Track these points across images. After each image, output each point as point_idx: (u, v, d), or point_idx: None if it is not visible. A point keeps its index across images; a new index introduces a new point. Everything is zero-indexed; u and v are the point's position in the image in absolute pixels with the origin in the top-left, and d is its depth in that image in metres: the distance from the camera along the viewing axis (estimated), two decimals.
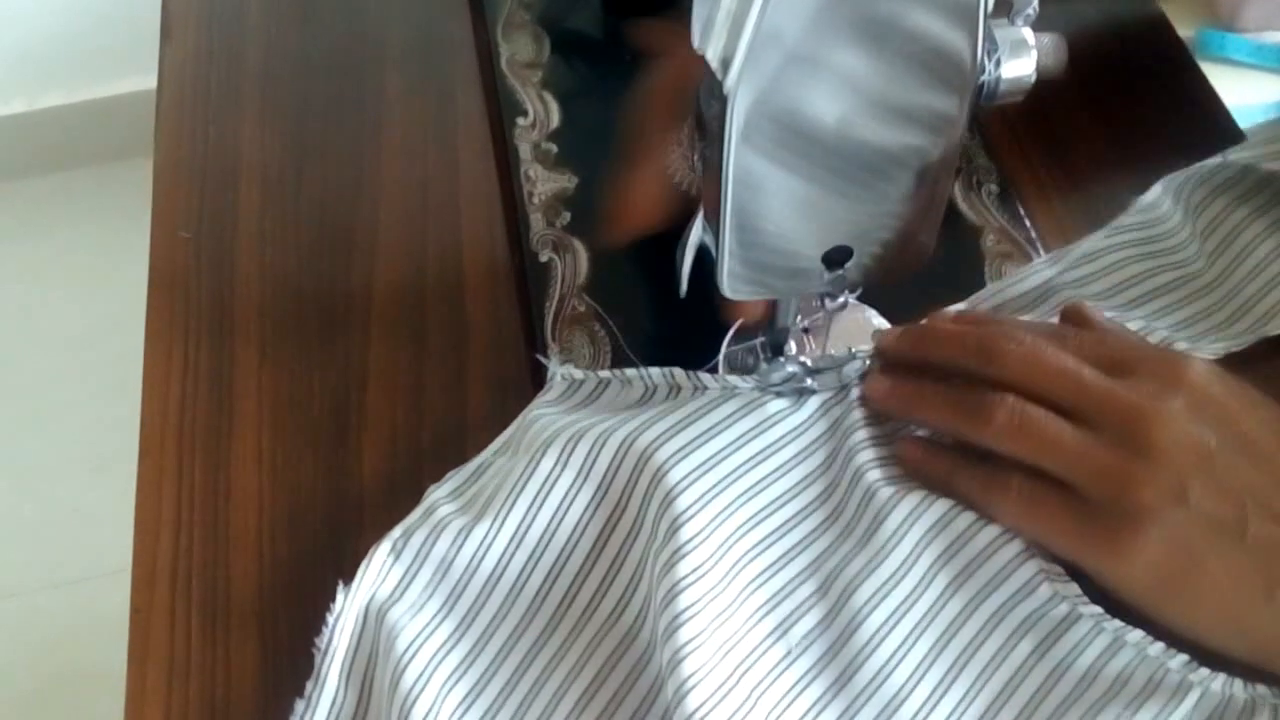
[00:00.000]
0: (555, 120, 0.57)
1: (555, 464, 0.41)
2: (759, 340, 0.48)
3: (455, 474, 0.43)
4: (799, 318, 0.49)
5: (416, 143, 0.57)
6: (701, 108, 0.38)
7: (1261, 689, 0.38)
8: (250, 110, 0.58)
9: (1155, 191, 0.51)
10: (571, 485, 0.41)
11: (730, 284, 0.40)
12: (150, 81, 0.59)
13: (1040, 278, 0.49)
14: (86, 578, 1.29)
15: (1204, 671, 0.38)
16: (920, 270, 0.42)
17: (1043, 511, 0.39)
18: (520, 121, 0.57)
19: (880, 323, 0.50)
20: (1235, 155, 0.50)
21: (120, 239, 1.20)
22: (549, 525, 0.41)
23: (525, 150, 0.56)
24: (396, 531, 0.42)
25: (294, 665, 0.41)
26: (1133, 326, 0.47)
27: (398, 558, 0.41)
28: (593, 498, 0.41)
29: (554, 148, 0.56)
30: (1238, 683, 0.38)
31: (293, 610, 0.44)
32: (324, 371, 0.50)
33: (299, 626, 0.41)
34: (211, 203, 0.55)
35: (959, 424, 0.41)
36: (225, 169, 0.56)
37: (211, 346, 0.50)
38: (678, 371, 0.45)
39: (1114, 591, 0.38)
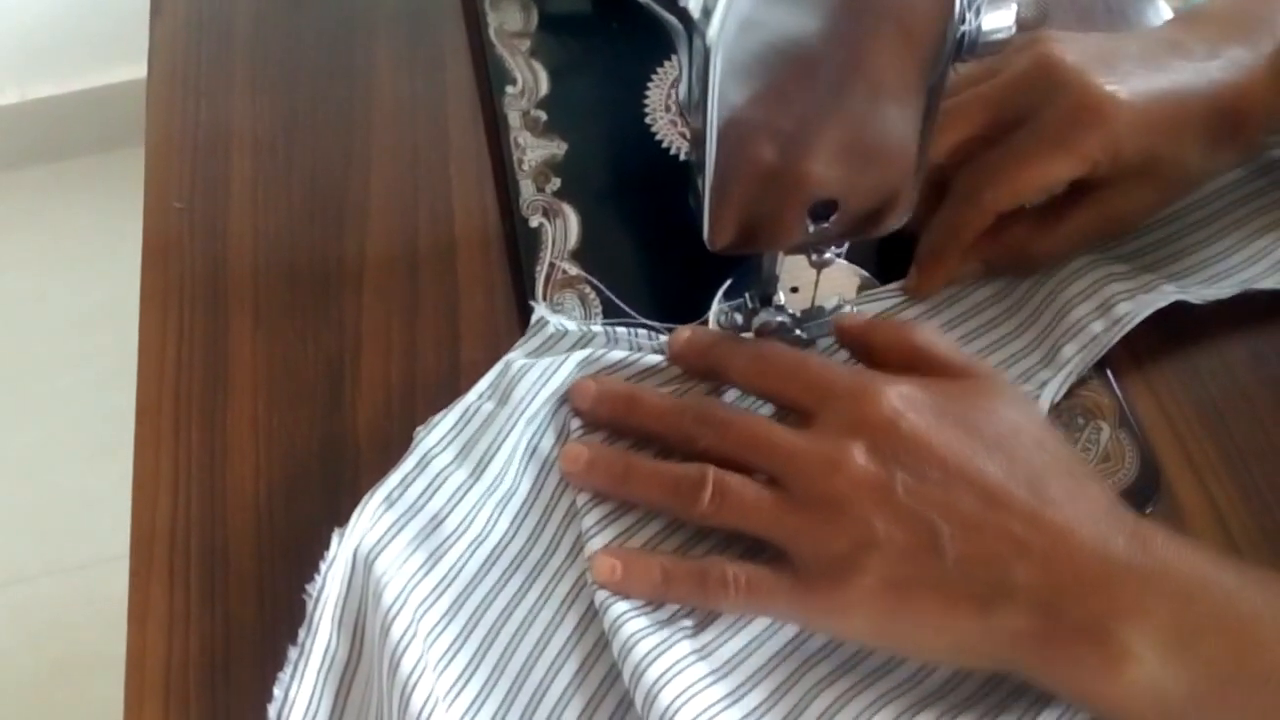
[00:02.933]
0: (544, 88, 0.57)
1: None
2: (746, 297, 0.49)
3: (442, 418, 0.44)
4: (787, 277, 0.49)
5: (406, 111, 0.57)
6: (685, 62, 0.38)
7: None
8: (241, 81, 0.58)
9: None
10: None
11: (714, 237, 0.41)
12: (143, 71, 0.59)
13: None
14: (87, 564, 1.30)
15: None
16: (904, 228, 0.43)
17: (761, 593, 0.39)
18: (509, 90, 0.57)
19: (867, 279, 0.51)
20: None
21: (115, 228, 1.20)
22: (533, 490, 0.44)
23: (514, 118, 0.56)
24: (393, 480, 0.42)
25: (292, 623, 0.41)
26: (1122, 267, 0.48)
27: (390, 506, 0.41)
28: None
29: (543, 115, 0.56)
30: None
31: (290, 569, 0.44)
32: (317, 336, 0.50)
33: (296, 585, 0.42)
34: (204, 173, 0.55)
35: (669, 508, 0.42)
36: (217, 140, 0.56)
37: (206, 312, 0.51)
38: (642, 335, 0.47)
39: (841, 640, 0.39)
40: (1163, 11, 0.61)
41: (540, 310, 0.47)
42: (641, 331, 0.48)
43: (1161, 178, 0.46)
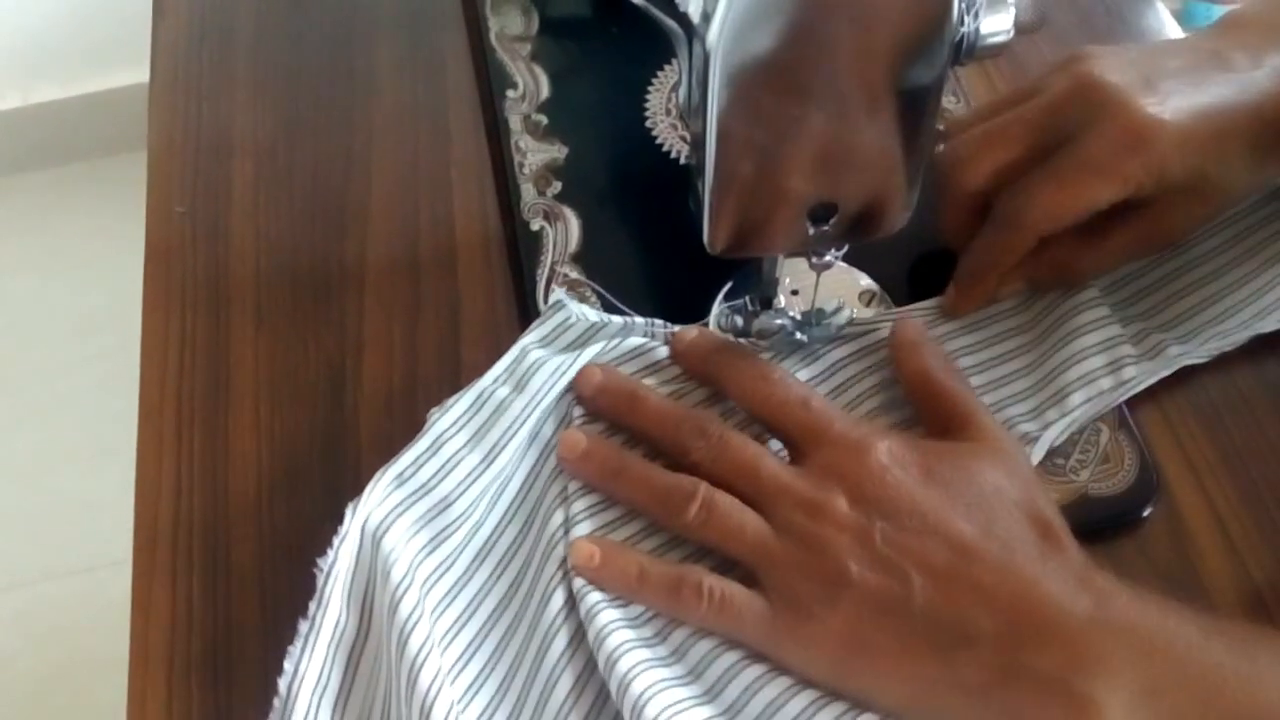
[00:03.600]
0: (545, 92, 0.58)
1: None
2: (747, 299, 0.49)
3: (457, 400, 0.44)
4: (787, 280, 0.50)
5: (408, 115, 0.57)
6: (685, 66, 0.39)
7: None
8: (242, 85, 0.59)
9: None
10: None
11: (715, 241, 0.41)
12: (144, 75, 0.59)
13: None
14: (89, 568, 1.30)
15: None
16: (905, 230, 0.43)
17: (730, 612, 0.40)
18: (510, 94, 0.57)
19: (868, 284, 0.51)
20: None
21: (117, 232, 1.20)
22: (532, 473, 0.44)
23: (515, 122, 0.56)
24: (406, 459, 0.42)
25: (293, 623, 0.41)
26: (1130, 330, 0.48)
27: (401, 485, 0.42)
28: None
29: (544, 119, 0.57)
30: None
31: (292, 570, 0.44)
32: (319, 339, 0.50)
33: (298, 586, 0.42)
34: (205, 177, 0.55)
35: (655, 513, 0.43)
36: (218, 143, 0.56)
37: (208, 315, 0.51)
38: (657, 325, 0.47)
39: (800, 675, 0.39)
40: (1161, 13, 0.62)
41: (559, 294, 0.47)
42: (658, 322, 0.48)
43: (1208, 194, 0.46)
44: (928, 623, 0.38)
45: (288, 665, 0.39)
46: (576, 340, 0.46)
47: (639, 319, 0.47)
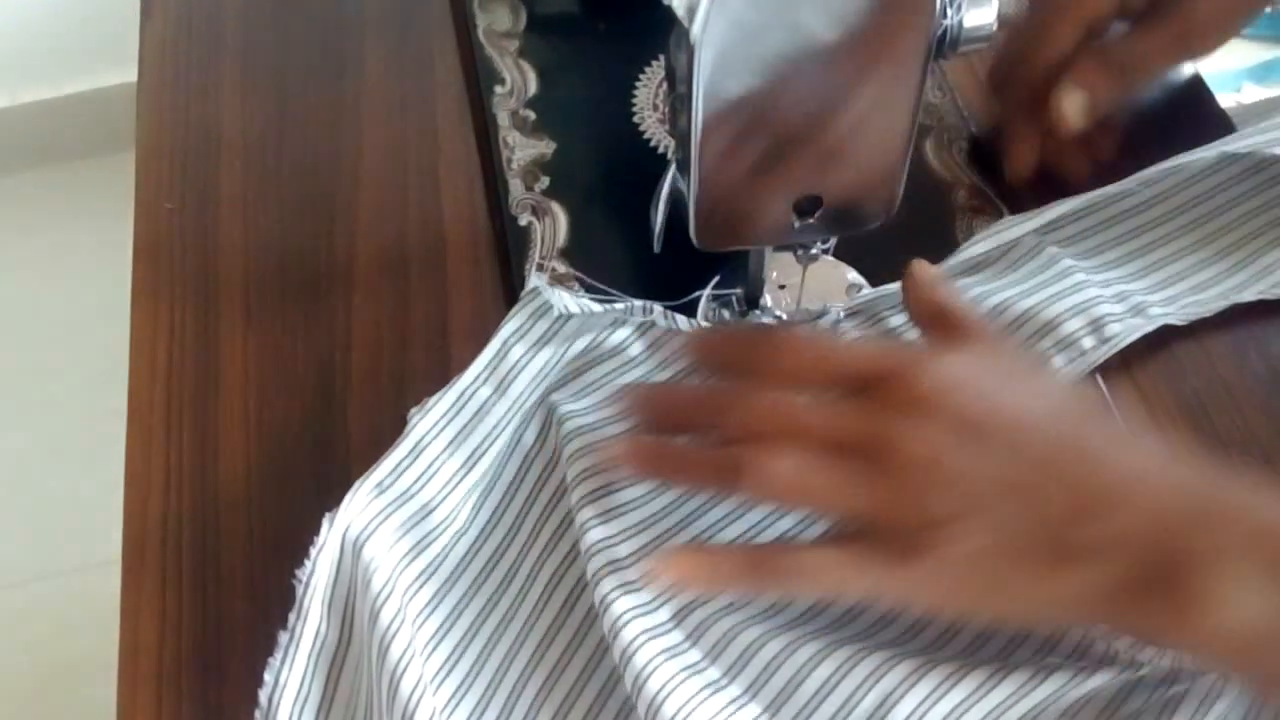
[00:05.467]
0: (533, 88, 0.58)
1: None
2: (734, 298, 0.49)
3: (437, 401, 0.44)
4: (774, 274, 0.50)
5: (396, 111, 0.57)
6: (670, 59, 0.39)
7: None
8: (230, 82, 0.59)
9: (1151, 171, 0.52)
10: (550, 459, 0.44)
11: (702, 233, 0.41)
12: (133, 75, 0.59)
13: (1013, 234, 0.50)
14: (80, 568, 1.30)
15: (1151, 650, 0.39)
16: (891, 224, 0.43)
17: (836, 576, 0.38)
18: (498, 89, 0.58)
19: (855, 278, 0.51)
20: (1231, 148, 0.51)
21: (106, 232, 1.20)
22: (514, 481, 0.44)
23: (503, 117, 0.57)
24: (385, 466, 0.42)
25: (284, 620, 0.42)
26: (1110, 291, 0.48)
27: (381, 493, 0.42)
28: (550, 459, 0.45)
29: (531, 114, 0.57)
30: (1186, 656, 0.39)
31: (281, 565, 0.44)
32: (308, 334, 0.50)
33: (288, 581, 0.42)
34: (194, 173, 0.55)
35: (712, 487, 0.41)
36: (207, 140, 0.56)
37: (197, 311, 0.51)
38: (656, 306, 0.46)
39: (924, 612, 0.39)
40: None
41: (535, 281, 0.45)
42: (638, 303, 0.46)
43: None
44: (1049, 538, 0.36)
45: (268, 676, 0.40)
46: (553, 327, 0.45)
47: (619, 304, 0.46)
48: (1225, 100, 0.58)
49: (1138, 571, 0.36)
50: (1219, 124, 0.56)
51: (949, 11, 0.38)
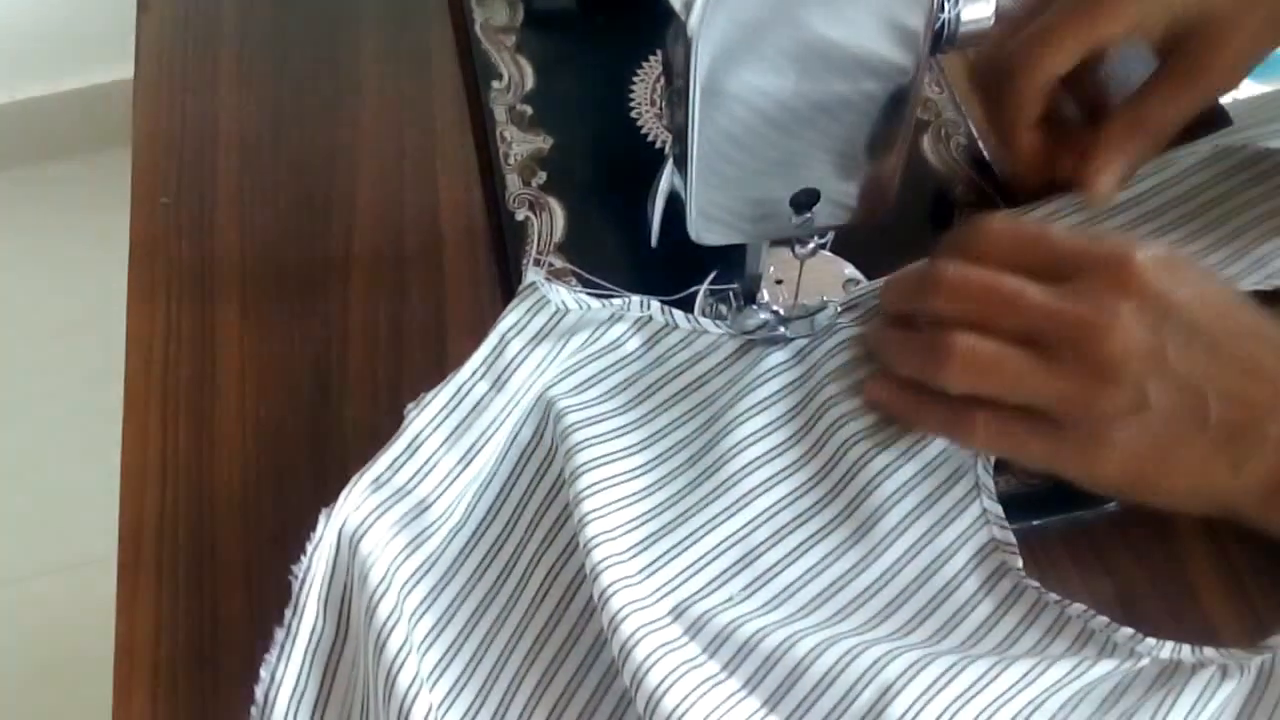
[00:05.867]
0: (529, 83, 0.58)
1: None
2: (731, 295, 0.49)
3: (434, 396, 0.43)
4: (771, 269, 0.50)
5: (392, 106, 0.57)
6: (668, 53, 0.39)
7: (1209, 652, 0.39)
8: (227, 77, 0.58)
9: (1147, 165, 0.51)
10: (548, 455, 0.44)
11: (699, 227, 0.41)
12: (129, 71, 0.59)
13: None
14: (76, 564, 1.30)
15: (1150, 642, 0.39)
16: (888, 218, 0.43)
17: (1011, 440, 0.41)
18: (495, 84, 0.57)
19: (852, 273, 0.51)
20: (1227, 140, 0.51)
21: (103, 228, 1.20)
22: (511, 476, 0.44)
23: (500, 112, 0.56)
24: (383, 462, 0.42)
25: (280, 616, 0.41)
26: None
27: (378, 489, 0.42)
28: (547, 455, 0.44)
29: (529, 110, 0.57)
30: (1185, 649, 0.39)
31: (278, 561, 0.44)
32: (305, 330, 0.50)
33: (284, 577, 0.42)
34: (191, 168, 0.55)
35: (918, 369, 0.42)
36: (204, 135, 0.56)
37: (193, 307, 0.51)
38: (653, 301, 0.46)
39: (1088, 487, 0.41)
40: None
41: (532, 275, 0.46)
42: (636, 298, 0.47)
43: (1226, 32, 0.47)
44: (1223, 436, 0.38)
45: (264, 673, 0.39)
46: (550, 322, 0.45)
47: (616, 299, 0.46)
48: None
49: None
50: (1215, 118, 0.56)
51: (946, 5, 0.38)
